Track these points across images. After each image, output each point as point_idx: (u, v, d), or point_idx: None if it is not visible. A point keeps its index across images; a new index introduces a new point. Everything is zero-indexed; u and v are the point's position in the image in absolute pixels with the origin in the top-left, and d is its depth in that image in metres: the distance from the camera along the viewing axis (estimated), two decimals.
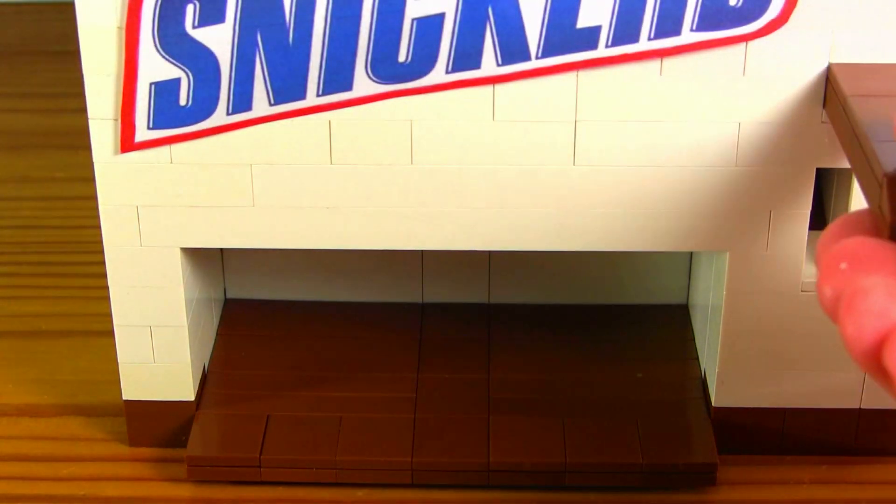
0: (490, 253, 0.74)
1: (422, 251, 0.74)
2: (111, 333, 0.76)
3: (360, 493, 0.66)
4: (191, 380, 0.67)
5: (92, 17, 0.58)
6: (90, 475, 0.67)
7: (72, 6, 0.58)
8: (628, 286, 0.76)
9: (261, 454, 0.65)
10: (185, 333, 0.65)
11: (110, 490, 0.66)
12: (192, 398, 0.67)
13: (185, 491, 0.66)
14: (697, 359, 0.72)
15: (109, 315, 0.77)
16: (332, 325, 0.74)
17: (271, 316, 0.74)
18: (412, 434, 0.66)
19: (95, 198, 0.62)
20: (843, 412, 0.67)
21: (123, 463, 0.68)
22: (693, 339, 0.73)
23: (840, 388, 0.66)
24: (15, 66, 1.10)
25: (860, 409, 0.67)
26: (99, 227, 0.63)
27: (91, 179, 0.62)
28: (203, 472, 0.65)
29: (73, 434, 0.70)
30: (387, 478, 0.65)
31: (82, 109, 0.61)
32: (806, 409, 0.67)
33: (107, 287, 0.79)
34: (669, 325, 0.75)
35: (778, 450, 0.68)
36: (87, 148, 0.75)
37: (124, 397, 0.67)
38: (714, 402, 0.67)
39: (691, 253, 0.74)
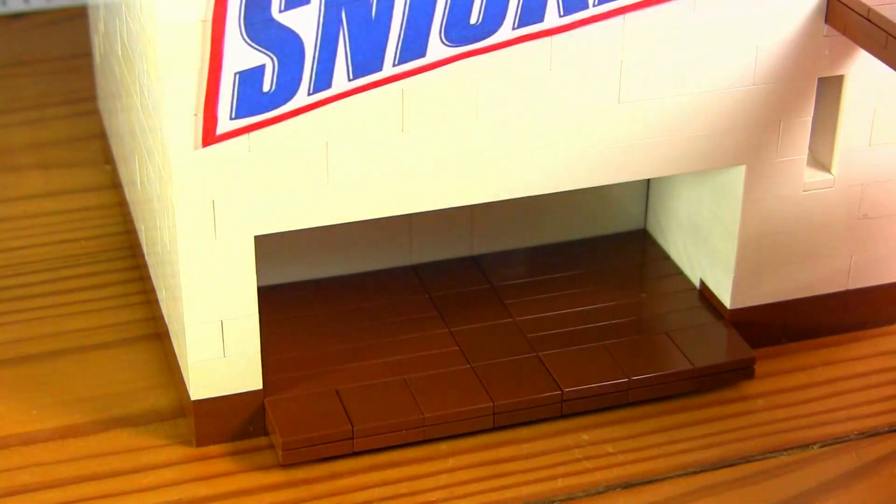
0: (472, 208, 0.78)
1: (410, 216, 0.77)
2: (102, 346, 0.75)
3: (444, 447, 0.68)
4: (260, 369, 0.67)
5: (174, 14, 0.58)
6: (173, 480, 0.66)
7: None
8: (591, 220, 0.81)
9: (352, 426, 0.66)
10: (255, 322, 0.66)
11: (203, 490, 0.66)
12: (261, 387, 0.67)
13: (278, 477, 0.66)
14: (682, 273, 0.78)
15: (93, 329, 0.76)
16: (343, 299, 0.75)
17: (285, 299, 0.75)
18: (479, 382, 0.69)
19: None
20: (834, 296, 0.75)
21: (201, 462, 0.67)
22: (668, 257, 0.79)
23: (830, 274, 0.74)
24: None
25: (847, 290, 0.75)
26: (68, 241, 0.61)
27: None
28: (298, 455, 0.66)
29: (129, 446, 0.68)
30: (470, 426, 0.68)
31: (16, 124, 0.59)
32: (803, 298, 0.75)
33: (83, 301, 0.78)
34: (639, 249, 0.81)
35: (779, 341, 0.75)
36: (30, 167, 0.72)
37: (193, 398, 0.67)
38: (730, 304, 0.73)
39: (648, 181, 0.80)
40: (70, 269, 0.80)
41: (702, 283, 0.76)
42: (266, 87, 0.60)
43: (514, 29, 0.63)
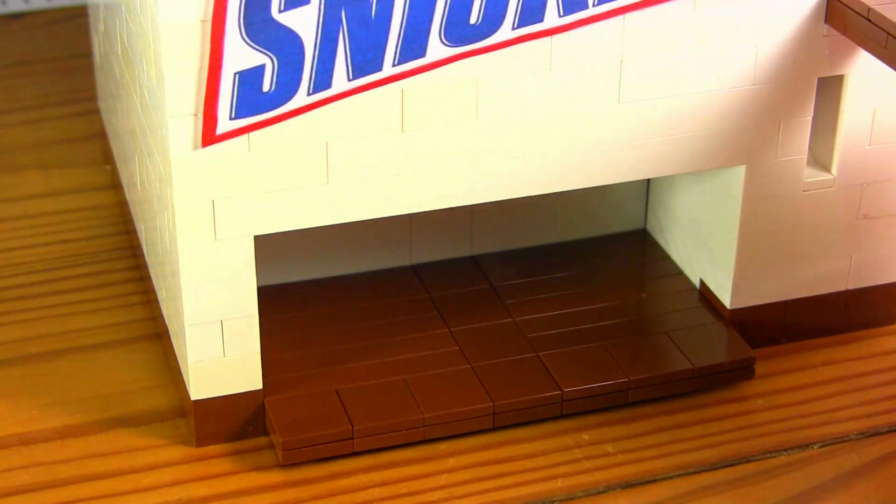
0: (472, 208, 0.78)
1: (410, 216, 0.77)
2: (102, 346, 0.75)
3: (444, 447, 0.68)
4: (260, 369, 0.67)
5: (174, 14, 0.58)
6: (173, 480, 0.66)
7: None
8: (591, 220, 0.81)
9: (352, 426, 0.66)
10: (255, 322, 0.66)
11: (202, 490, 0.66)
12: (261, 387, 0.67)
13: (278, 477, 0.66)
14: (682, 273, 0.78)
15: (93, 329, 0.76)
16: (344, 299, 0.75)
17: (285, 299, 0.75)
18: (479, 382, 0.69)
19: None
20: (834, 296, 0.75)
21: (201, 462, 0.67)
22: (668, 257, 0.79)
23: (830, 274, 0.74)
24: None
25: (847, 290, 0.75)
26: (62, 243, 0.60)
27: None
28: (298, 455, 0.66)
29: (130, 446, 0.68)
30: (470, 426, 0.68)
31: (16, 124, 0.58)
32: (803, 298, 0.75)
33: (83, 301, 0.78)
34: (639, 249, 0.81)
35: (779, 341, 0.75)
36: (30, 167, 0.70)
37: (193, 398, 0.67)
38: (730, 304, 0.73)
39: (648, 181, 0.80)
40: (70, 269, 0.80)
41: (702, 283, 0.76)
42: (266, 87, 0.60)
43: (513, 29, 0.63)
